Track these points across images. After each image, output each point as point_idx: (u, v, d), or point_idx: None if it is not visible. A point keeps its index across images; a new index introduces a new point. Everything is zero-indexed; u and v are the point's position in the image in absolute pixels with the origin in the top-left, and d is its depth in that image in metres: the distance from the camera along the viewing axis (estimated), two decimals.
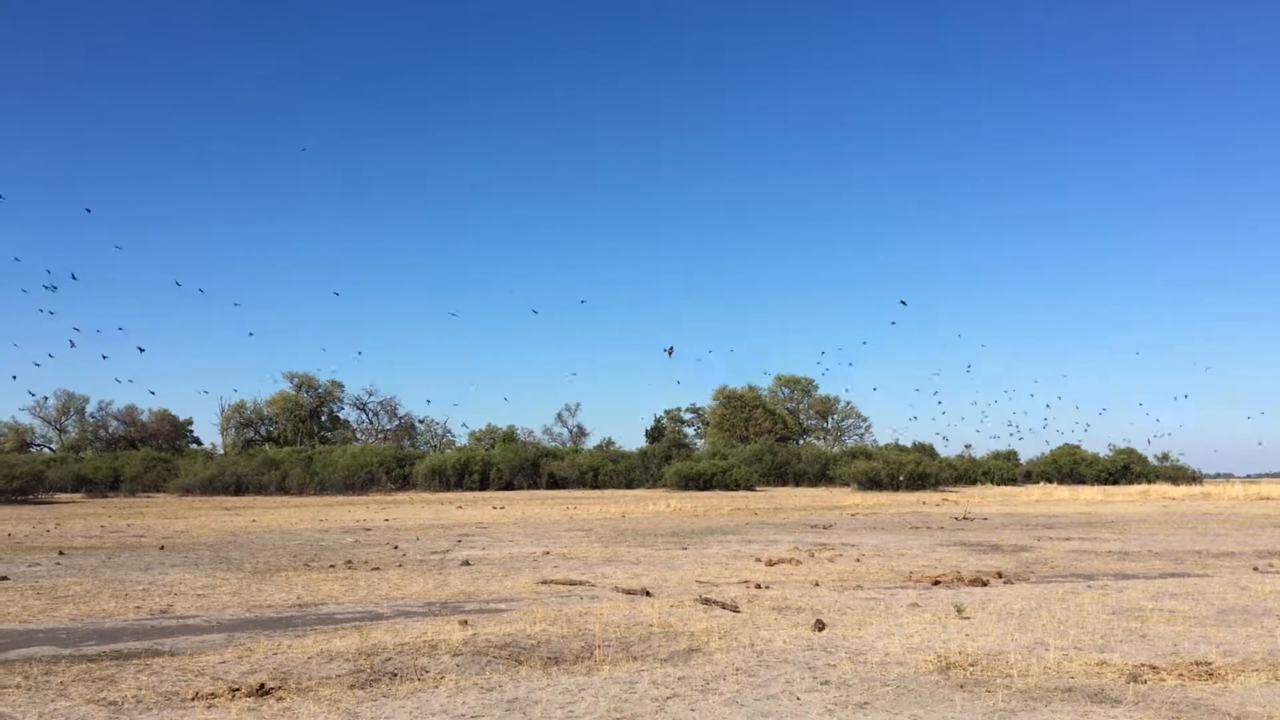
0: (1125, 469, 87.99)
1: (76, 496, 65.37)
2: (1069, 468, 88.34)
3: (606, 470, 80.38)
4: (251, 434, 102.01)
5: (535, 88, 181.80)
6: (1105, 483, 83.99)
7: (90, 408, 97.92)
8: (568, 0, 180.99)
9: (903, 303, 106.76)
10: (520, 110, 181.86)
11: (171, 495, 67.13)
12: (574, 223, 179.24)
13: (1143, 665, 8.82)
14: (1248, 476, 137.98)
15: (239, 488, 68.44)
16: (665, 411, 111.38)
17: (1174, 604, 12.82)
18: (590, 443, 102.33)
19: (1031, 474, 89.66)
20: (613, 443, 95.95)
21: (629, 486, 78.28)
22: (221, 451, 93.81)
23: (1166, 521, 32.90)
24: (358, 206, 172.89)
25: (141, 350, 65.99)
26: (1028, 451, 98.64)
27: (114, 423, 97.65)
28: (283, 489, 69.15)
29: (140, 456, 76.83)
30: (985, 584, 15.36)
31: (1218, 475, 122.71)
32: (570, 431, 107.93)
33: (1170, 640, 10.17)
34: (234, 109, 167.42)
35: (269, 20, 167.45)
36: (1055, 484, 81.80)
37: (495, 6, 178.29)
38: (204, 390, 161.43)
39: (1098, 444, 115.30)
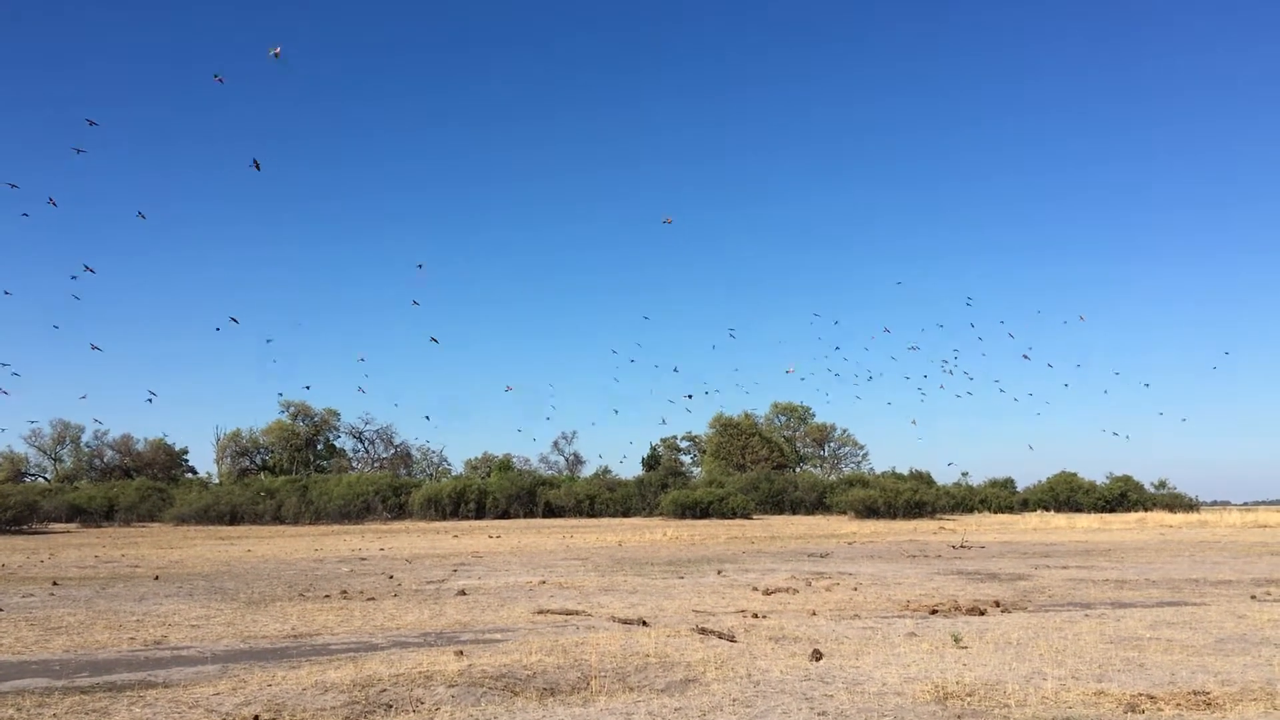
0: (1122, 496, 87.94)
1: (71, 526, 65.04)
2: (1066, 495, 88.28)
3: (603, 498, 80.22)
4: (247, 463, 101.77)
5: (527, 110, 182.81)
6: (1102, 510, 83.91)
7: (85, 437, 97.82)
8: (565, 22, 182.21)
9: None
10: (509, 131, 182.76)
11: (166, 525, 66.84)
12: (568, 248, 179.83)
13: (1140, 695, 8.80)
14: (1245, 504, 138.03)
15: (234, 517, 68.17)
16: (661, 440, 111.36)
17: (1171, 633, 12.80)
18: (587, 471, 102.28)
19: (1029, 502, 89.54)
20: (609, 471, 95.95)
21: (625, 515, 78.09)
22: (217, 481, 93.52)
23: (1164, 549, 32.85)
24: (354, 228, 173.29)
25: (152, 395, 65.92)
26: (1025, 479, 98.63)
27: (109, 452, 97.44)
28: (278, 518, 68.89)
29: (135, 486, 76.57)
30: (983, 613, 15.32)
31: (1215, 503, 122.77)
32: (566, 460, 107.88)
33: (1168, 669, 10.15)
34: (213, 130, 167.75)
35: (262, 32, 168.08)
36: (1052, 512, 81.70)
37: (493, 28, 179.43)
38: (218, 423, 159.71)
39: (1097, 472, 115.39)
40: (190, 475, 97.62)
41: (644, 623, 14.17)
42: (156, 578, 23.66)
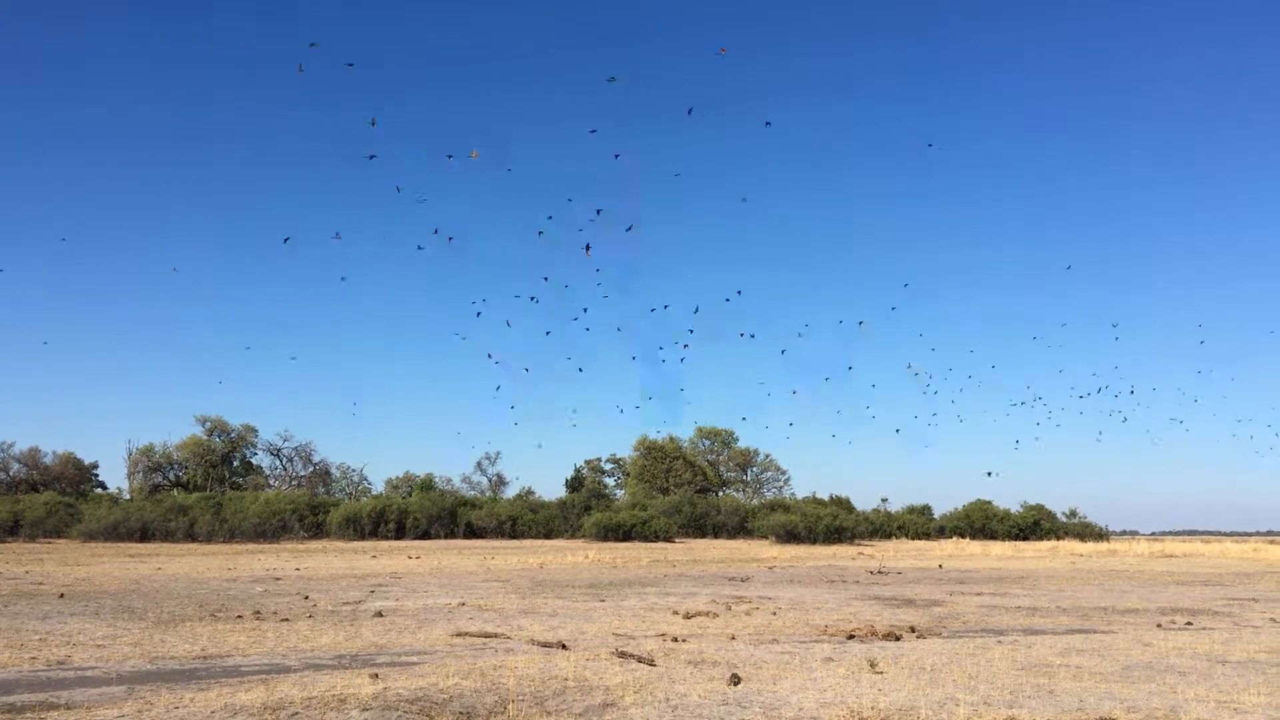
0: (1035, 525, 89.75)
1: None
2: (981, 523, 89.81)
3: (525, 520, 79.63)
4: (160, 479, 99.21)
5: (445, 135, 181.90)
6: (1016, 538, 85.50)
7: None
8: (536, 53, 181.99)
9: None
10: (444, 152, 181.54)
11: (74, 541, 64.83)
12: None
13: None
14: (1152, 534, 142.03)
15: (145, 534, 66.36)
16: (585, 461, 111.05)
17: (1081, 660, 13.08)
18: (510, 492, 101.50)
19: (945, 529, 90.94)
20: (532, 492, 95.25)
21: (548, 536, 77.62)
22: (128, 496, 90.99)
23: (1074, 578, 33.58)
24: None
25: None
26: (942, 506, 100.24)
27: (15, 465, 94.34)
28: (191, 536, 67.22)
29: (43, 500, 74.12)
30: (898, 638, 15.51)
31: (1124, 532, 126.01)
32: (489, 480, 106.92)
33: (1077, 696, 10.36)
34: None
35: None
36: (968, 539, 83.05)
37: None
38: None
39: (1010, 500, 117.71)
40: (100, 490, 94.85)
41: (564, 646, 14.10)
42: (62, 595, 22.96)
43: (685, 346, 64.39)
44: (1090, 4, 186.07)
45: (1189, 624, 18.35)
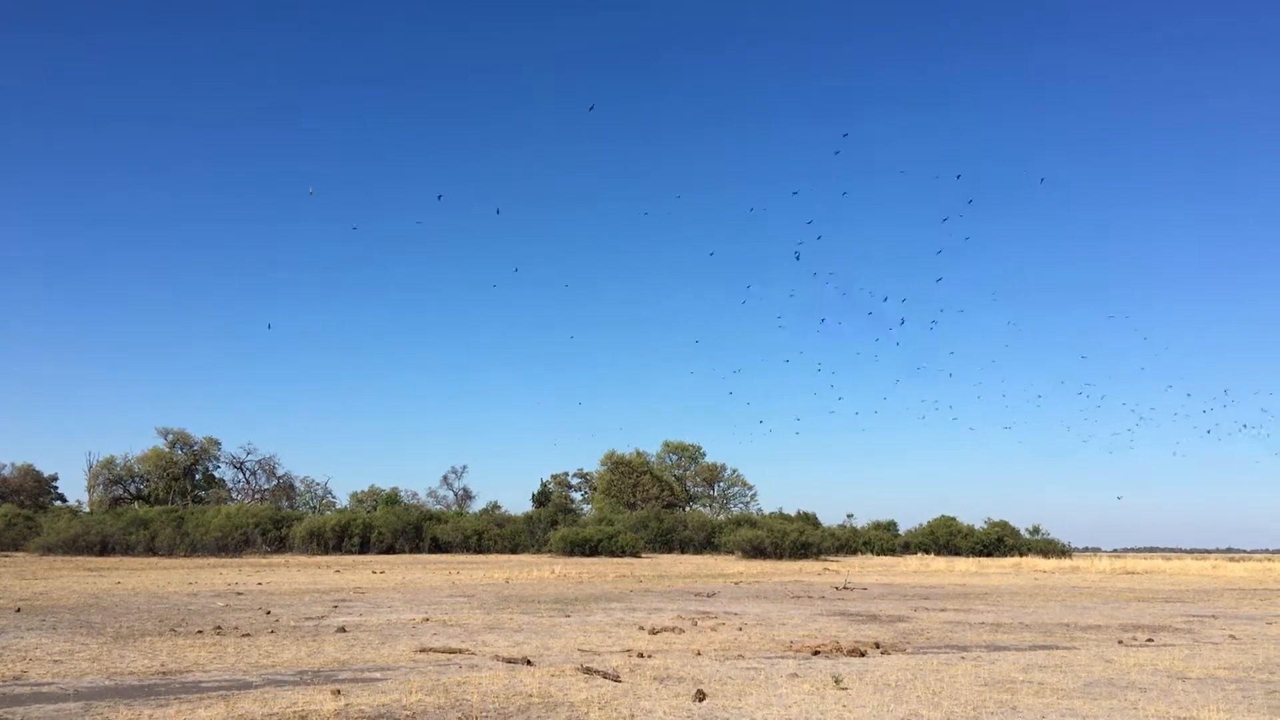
0: (999, 541, 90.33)
1: None
2: (945, 539, 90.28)
3: (491, 534, 79.28)
4: (120, 492, 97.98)
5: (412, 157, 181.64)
6: (980, 554, 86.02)
7: None
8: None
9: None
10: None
11: (32, 554, 63.89)
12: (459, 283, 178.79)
13: None
14: (1114, 550, 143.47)
15: (104, 548, 65.50)
16: (552, 476, 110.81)
17: (1043, 676, 13.16)
18: (476, 506, 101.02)
19: (910, 545, 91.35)
20: (499, 506, 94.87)
21: (514, 551, 77.32)
22: (88, 509, 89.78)
23: (1037, 594, 33.82)
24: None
25: None
26: (907, 522, 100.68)
27: None
28: (151, 550, 66.40)
29: (0, 513, 73.12)
30: (863, 654, 15.55)
31: (1086, 549, 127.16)
32: (456, 494, 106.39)
33: (1038, 712, 10.43)
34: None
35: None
36: (932, 555, 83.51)
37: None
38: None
39: (974, 517, 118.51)
40: (60, 503, 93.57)
41: (528, 662, 14.03)
42: (18, 610, 22.61)
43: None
44: None
45: (1150, 640, 18.51)
